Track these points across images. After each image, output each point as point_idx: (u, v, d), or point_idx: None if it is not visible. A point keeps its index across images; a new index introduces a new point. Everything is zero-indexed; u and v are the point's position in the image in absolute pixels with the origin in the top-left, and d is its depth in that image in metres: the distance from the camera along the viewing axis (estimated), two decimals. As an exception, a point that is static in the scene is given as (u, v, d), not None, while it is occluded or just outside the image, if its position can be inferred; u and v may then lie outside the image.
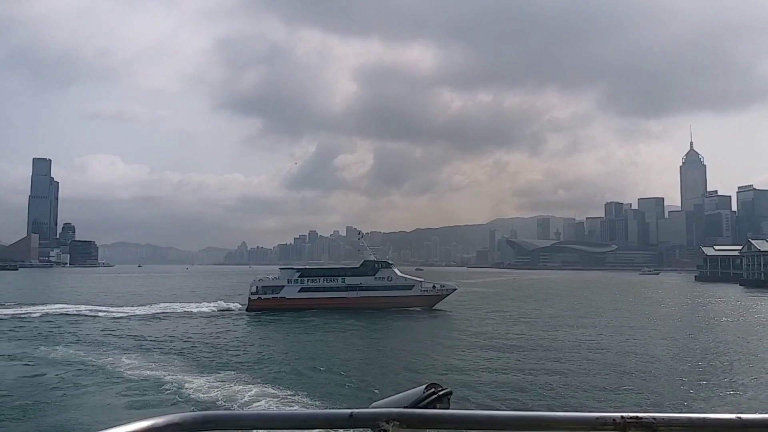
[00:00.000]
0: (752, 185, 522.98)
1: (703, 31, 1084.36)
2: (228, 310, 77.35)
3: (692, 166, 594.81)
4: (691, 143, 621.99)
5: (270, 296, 78.47)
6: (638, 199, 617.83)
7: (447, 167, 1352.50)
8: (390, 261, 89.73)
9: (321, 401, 28.41)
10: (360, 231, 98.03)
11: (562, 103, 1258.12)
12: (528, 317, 70.73)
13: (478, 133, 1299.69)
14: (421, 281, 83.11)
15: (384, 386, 30.82)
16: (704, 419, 2.04)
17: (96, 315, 68.49)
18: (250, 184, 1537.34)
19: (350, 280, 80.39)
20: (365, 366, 39.83)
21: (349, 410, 2.11)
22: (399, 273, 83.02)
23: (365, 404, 2.20)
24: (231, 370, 35.80)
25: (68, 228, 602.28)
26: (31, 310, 70.95)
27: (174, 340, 49.88)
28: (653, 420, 2.00)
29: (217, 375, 34.36)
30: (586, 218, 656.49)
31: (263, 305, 76.52)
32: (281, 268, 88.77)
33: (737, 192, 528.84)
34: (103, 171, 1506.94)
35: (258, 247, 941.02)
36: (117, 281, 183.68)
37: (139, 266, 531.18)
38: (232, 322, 66.13)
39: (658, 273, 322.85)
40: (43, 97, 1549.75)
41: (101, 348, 44.82)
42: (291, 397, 29.05)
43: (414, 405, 2.19)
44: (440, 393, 2.24)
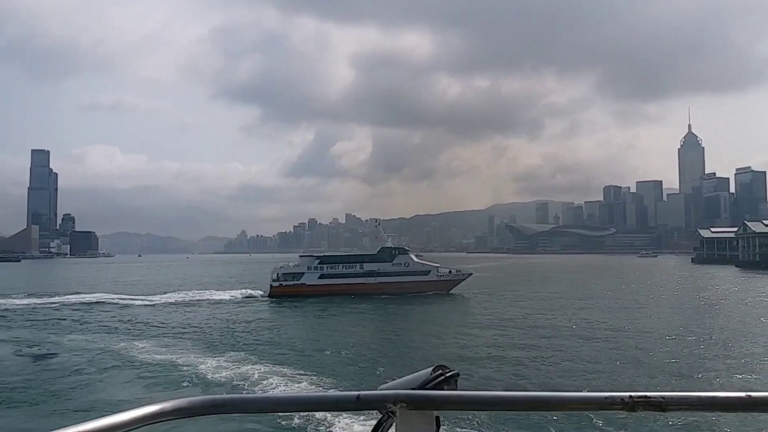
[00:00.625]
0: (750, 167, 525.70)
1: (701, 13, 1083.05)
2: (251, 297, 79.19)
3: (690, 149, 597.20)
4: (689, 126, 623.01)
5: (291, 283, 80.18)
6: (637, 183, 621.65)
7: (445, 153, 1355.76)
8: (407, 247, 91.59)
9: (334, 382, 29.17)
10: (377, 219, 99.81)
11: (560, 88, 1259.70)
12: (532, 299, 72.51)
13: (476, 119, 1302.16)
14: (437, 266, 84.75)
15: (397, 367, 31.99)
16: (713, 398, 2.03)
17: (131, 303, 70.50)
18: (249, 173, 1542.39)
19: (368, 267, 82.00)
20: (380, 348, 41.09)
21: (357, 392, 2.10)
22: (416, 259, 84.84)
23: (374, 386, 2.19)
24: (254, 353, 37.27)
25: (68, 219, 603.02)
26: (61, 300, 72.65)
27: (208, 326, 51.43)
28: (662, 399, 1.99)
29: (242, 356, 36.11)
30: (585, 202, 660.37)
31: (284, 291, 78.26)
32: (301, 256, 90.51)
33: (735, 174, 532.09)
34: (102, 161, 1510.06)
35: (258, 236, 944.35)
36: (125, 271, 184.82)
37: (139, 256, 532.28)
38: (257, 308, 68.01)
39: (656, 256, 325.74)
40: (41, 89, 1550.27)
41: (152, 333, 46.79)
42: (307, 378, 29.97)
43: (421, 387, 2.18)
44: (447, 375, 2.23)
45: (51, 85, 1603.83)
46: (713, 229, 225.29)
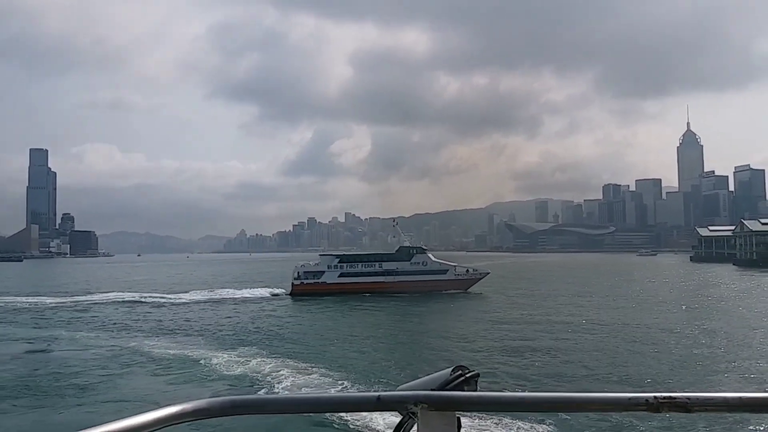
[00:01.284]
0: (749, 165, 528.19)
1: (700, 10, 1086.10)
2: (276, 296, 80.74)
3: (689, 147, 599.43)
4: (688, 123, 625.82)
5: (312, 281, 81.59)
6: (636, 181, 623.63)
7: (445, 151, 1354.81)
8: (424, 246, 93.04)
9: (358, 380, 29.89)
10: (394, 219, 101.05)
11: (559, 85, 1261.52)
12: (542, 297, 74.37)
13: (476, 117, 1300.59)
14: (455, 266, 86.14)
15: (417, 365, 33.15)
16: (740, 398, 2.00)
17: (160, 302, 71.98)
18: (248, 171, 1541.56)
19: (387, 265, 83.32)
20: (399, 346, 42.20)
21: (377, 393, 2.10)
22: (433, 258, 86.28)
23: (393, 386, 2.22)
24: (279, 351, 38.52)
25: (67, 218, 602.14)
26: (89, 299, 73.95)
27: (237, 324, 53.02)
28: (687, 400, 1.96)
29: (267, 353, 37.40)
30: (584, 200, 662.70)
31: (305, 290, 79.59)
32: (321, 255, 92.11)
33: (734, 172, 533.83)
34: (101, 160, 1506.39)
35: (257, 235, 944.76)
36: (132, 270, 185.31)
37: (138, 255, 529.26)
38: (281, 306, 69.59)
39: (656, 254, 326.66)
40: (39, 87, 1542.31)
41: (190, 331, 48.13)
42: (330, 376, 30.78)
43: (441, 387, 2.17)
44: (467, 375, 2.21)
45: (49, 83, 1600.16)
46: (711, 228, 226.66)
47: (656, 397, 1.95)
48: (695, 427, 20.69)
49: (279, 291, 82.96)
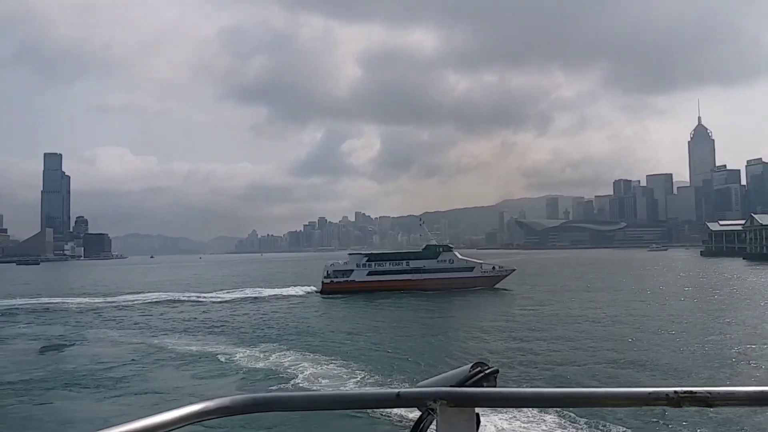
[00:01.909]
0: (761, 158, 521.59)
1: (709, 3, 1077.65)
2: (308, 294, 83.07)
3: (700, 141, 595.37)
4: (699, 118, 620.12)
5: (341, 279, 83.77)
6: (647, 176, 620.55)
7: (454, 150, 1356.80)
8: (450, 245, 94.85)
9: (381, 373, 31.38)
10: (420, 217, 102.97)
11: (568, 82, 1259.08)
12: (563, 292, 76.41)
13: (485, 114, 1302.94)
14: (481, 263, 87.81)
15: (441, 358, 34.67)
16: (762, 392, 1.99)
17: (198, 300, 74.53)
18: (259, 172, 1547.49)
19: (414, 263, 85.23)
20: (428, 342, 43.62)
21: (396, 390, 2.10)
22: (460, 256, 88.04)
23: (413, 382, 2.81)
24: (309, 346, 40.52)
25: (81, 221, 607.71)
26: (128, 299, 76.59)
27: (274, 322, 55.17)
28: (708, 394, 1.94)
29: (301, 348, 39.71)
30: (595, 196, 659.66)
31: (335, 288, 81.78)
32: (350, 254, 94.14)
33: (746, 166, 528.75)
34: (113, 163, 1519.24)
35: (268, 235, 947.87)
36: (149, 272, 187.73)
37: (152, 257, 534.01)
38: (313, 304, 72.22)
39: (667, 249, 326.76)
40: (51, 92, 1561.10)
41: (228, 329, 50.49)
42: (357, 370, 32.36)
43: (461, 384, 2.13)
44: (487, 371, 2.17)
45: (62, 88, 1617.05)
46: (722, 222, 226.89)
47: (677, 392, 1.95)
48: (716, 422, 20.82)
49: (310, 289, 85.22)
